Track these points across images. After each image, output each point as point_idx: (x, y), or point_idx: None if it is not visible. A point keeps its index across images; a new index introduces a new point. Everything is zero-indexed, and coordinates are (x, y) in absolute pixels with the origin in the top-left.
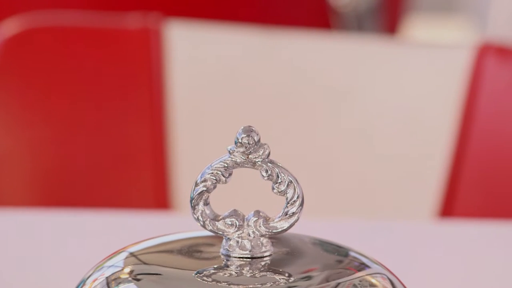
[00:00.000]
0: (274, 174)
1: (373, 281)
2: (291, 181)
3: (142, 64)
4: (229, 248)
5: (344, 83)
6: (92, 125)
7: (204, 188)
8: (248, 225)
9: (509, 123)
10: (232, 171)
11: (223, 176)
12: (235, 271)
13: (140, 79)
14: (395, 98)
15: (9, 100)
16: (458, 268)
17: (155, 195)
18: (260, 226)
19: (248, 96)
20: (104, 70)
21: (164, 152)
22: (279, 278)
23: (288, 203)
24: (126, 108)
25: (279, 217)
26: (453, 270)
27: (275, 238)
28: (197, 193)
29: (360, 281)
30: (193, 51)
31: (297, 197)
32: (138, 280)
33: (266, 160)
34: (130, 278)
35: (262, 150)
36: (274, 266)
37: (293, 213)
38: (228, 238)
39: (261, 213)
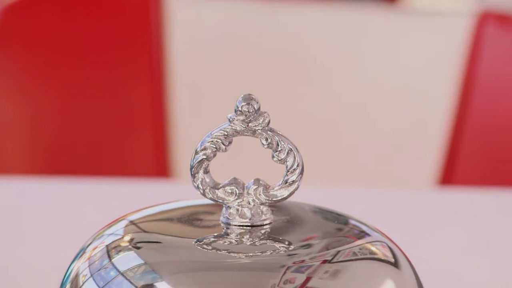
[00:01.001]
0: (274, 142)
1: (373, 249)
2: (291, 149)
3: (142, 31)
4: (229, 216)
5: (344, 51)
6: (92, 94)
7: (204, 156)
8: (248, 193)
9: (509, 90)
10: (232, 139)
11: (223, 144)
12: (235, 239)
13: (140, 46)
14: (395, 65)
15: (10, 68)
16: (458, 235)
17: (155, 163)
18: (260, 194)
19: (248, 63)
20: (104, 37)
21: (164, 120)
22: (279, 246)
23: (288, 171)
24: (126, 76)
25: (279, 185)
26: (453, 237)
27: (275, 206)
28: (197, 161)
29: (360, 249)
30: (193, 17)
31: (297, 165)
32: (138, 248)
33: (266, 128)
34: (130, 246)
35: (262, 118)
36: (274, 234)
37: (293, 181)
38: (228, 206)
39: (261, 181)
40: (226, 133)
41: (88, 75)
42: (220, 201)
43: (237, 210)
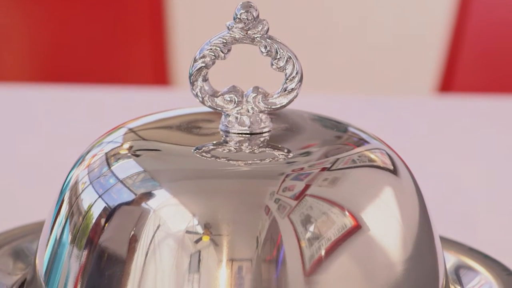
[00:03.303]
0: (273, 50)
1: (372, 156)
2: (290, 57)
3: None
4: (228, 124)
5: None
6: (90, 1)
7: (203, 64)
8: (247, 101)
9: None
10: (231, 47)
11: (222, 52)
12: (234, 147)
13: None
14: None
15: None
16: (457, 143)
17: (154, 71)
18: (259, 102)
19: None
20: None
21: (162, 27)
22: (278, 154)
23: (287, 79)
24: None
25: (278, 93)
26: (452, 144)
27: (274, 114)
28: (195, 69)
29: (359, 156)
30: None
31: (296, 73)
32: (137, 156)
33: (265, 36)
34: (129, 154)
35: (261, 26)
36: (273, 142)
37: (292, 89)
38: (227, 114)
39: (260, 89)
40: (225, 41)
41: None
42: (219, 109)
43: (236, 118)
